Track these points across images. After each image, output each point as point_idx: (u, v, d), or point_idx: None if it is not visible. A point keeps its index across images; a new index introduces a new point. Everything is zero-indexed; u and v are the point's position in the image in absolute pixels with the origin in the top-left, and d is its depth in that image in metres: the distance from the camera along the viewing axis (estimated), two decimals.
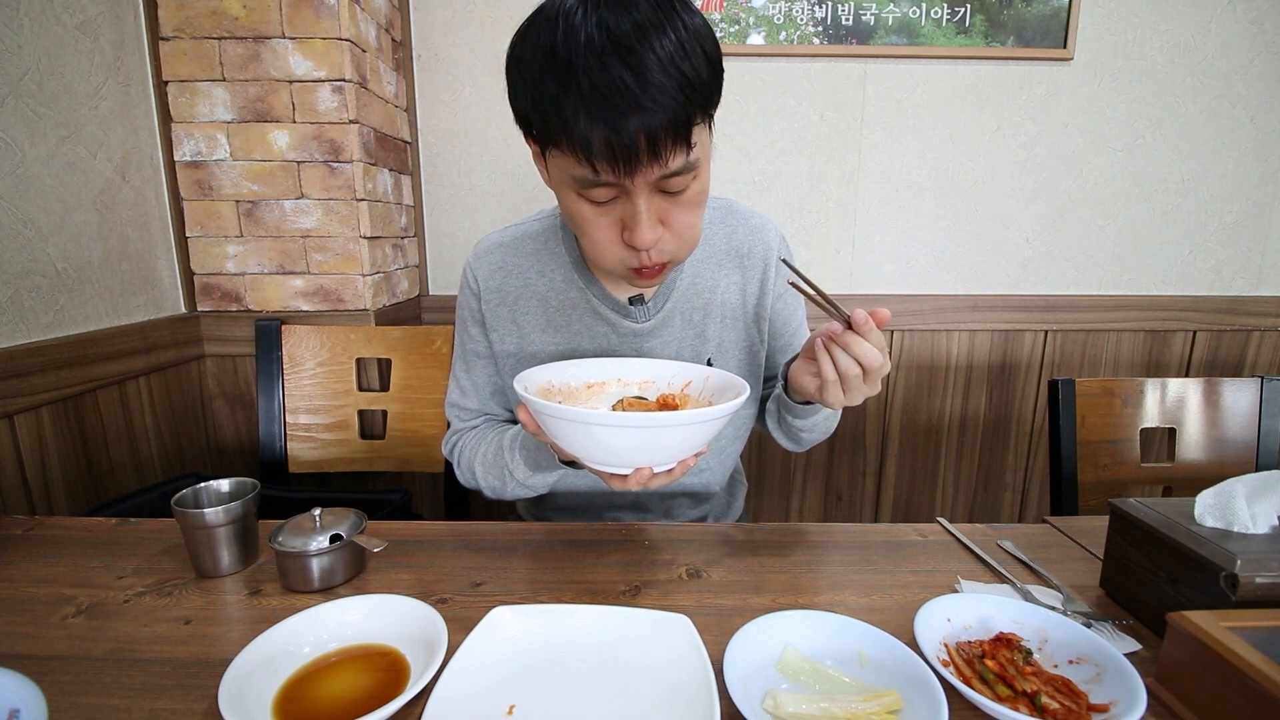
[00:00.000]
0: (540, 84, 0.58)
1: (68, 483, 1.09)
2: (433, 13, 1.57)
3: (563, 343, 0.84)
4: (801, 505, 1.86)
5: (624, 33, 0.55)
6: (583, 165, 0.59)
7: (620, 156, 0.57)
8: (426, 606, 0.58)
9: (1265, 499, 0.56)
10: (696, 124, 0.59)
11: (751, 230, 0.86)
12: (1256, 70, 1.63)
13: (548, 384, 0.70)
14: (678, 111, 0.56)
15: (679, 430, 0.55)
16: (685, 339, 0.85)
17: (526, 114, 0.62)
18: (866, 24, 1.58)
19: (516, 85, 0.62)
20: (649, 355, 0.83)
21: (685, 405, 0.70)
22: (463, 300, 0.88)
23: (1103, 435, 1.10)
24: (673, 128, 0.57)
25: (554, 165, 0.65)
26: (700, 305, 0.84)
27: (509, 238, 0.86)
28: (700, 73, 0.57)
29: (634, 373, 0.75)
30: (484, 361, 0.88)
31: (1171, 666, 0.50)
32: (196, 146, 1.33)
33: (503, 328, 0.85)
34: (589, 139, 0.57)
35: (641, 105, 0.55)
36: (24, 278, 1.02)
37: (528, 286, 0.84)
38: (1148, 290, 1.76)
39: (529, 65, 0.59)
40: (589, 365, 0.74)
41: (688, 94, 0.57)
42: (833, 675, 0.52)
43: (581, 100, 0.55)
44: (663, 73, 0.55)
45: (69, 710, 0.49)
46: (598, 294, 0.82)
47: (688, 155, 0.60)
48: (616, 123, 0.55)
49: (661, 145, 0.57)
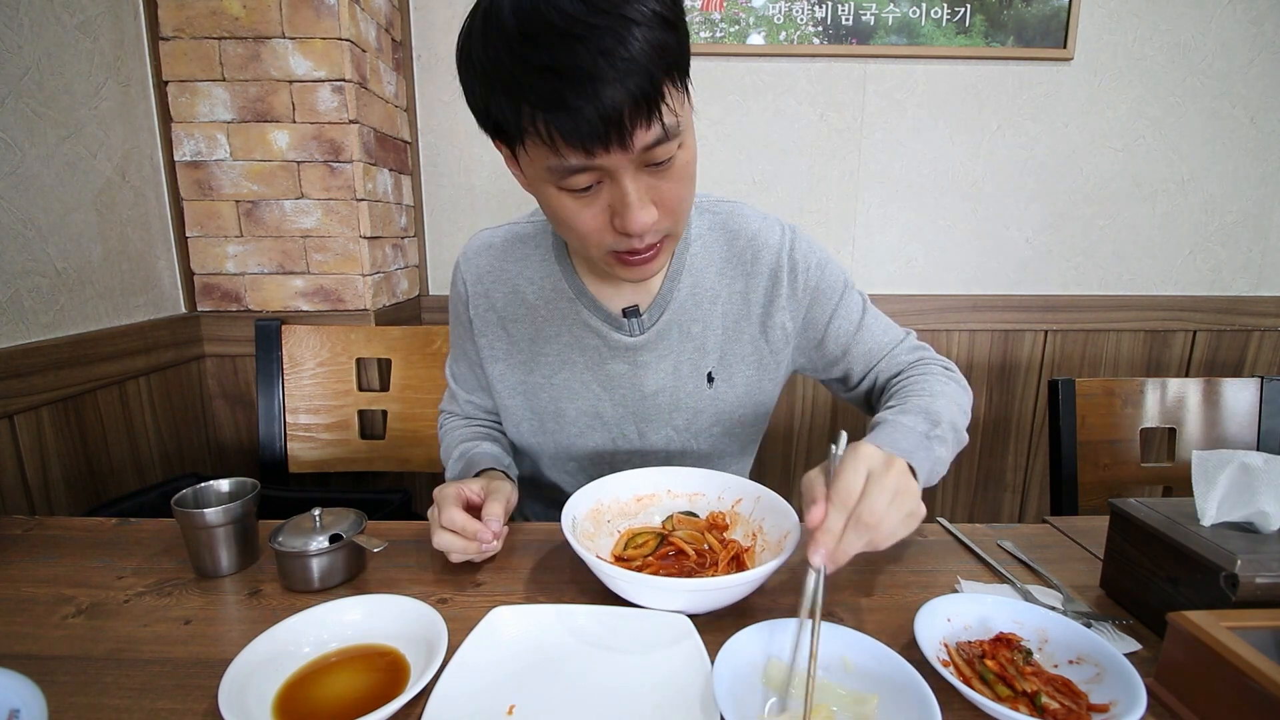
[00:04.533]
0: (495, 74, 0.55)
1: (68, 483, 1.09)
2: (433, 13, 1.57)
3: (553, 355, 0.82)
4: (802, 505, 1.86)
5: (573, 6, 0.51)
6: (554, 153, 0.56)
7: (591, 135, 0.54)
8: (426, 606, 0.58)
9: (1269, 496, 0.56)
10: (667, 88, 0.56)
11: (753, 236, 0.81)
12: (1256, 70, 1.63)
13: (597, 505, 0.72)
14: (644, 79, 0.53)
15: (726, 592, 0.58)
16: (684, 353, 0.81)
17: (487, 111, 0.59)
18: (866, 24, 1.58)
19: (472, 83, 0.60)
20: (643, 369, 0.81)
21: (735, 525, 0.73)
22: (453, 295, 0.88)
23: (1103, 435, 1.10)
24: (643, 97, 0.53)
25: (526, 162, 0.62)
26: (700, 317, 0.80)
27: (500, 239, 0.84)
28: (661, 36, 0.54)
29: (683, 483, 0.76)
30: (468, 360, 0.89)
31: (1171, 666, 0.50)
32: (196, 146, 1.33)
33: (491, 333, 0.84)
34: (555, 122, 0.54)
35: (604, 77, 0.52)
36: (24, 278, 1.02)
37: (516, 293, 0.82)
38: (1148, 290, 1.76)
39: (481, 58, 0.56)
40: (636, 478, 0.75)
41: (651, 60, 0.53)
42: (816, 683, 0.51)
43: (541, 81, 0.53)
44: (619, 41, 0.52)
45: (69, 710, 0.49)
46: (588, 305, 0.79)
47: (663, 124, 0.56)
48: (580, 100, 0.52)
49: (634, 116, 0.54)
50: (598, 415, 0.84)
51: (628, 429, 0.85)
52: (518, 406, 0.86)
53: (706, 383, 0.82)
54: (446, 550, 0.65)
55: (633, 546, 0.70)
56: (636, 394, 0.82)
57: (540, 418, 0.85)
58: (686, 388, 0.82)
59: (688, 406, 0.83)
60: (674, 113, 0.57)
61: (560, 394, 0.83)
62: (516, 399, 0.86)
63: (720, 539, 0.70)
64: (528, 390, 0.84)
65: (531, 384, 0.84)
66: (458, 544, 0.65)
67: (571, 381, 0.83)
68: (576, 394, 0.83)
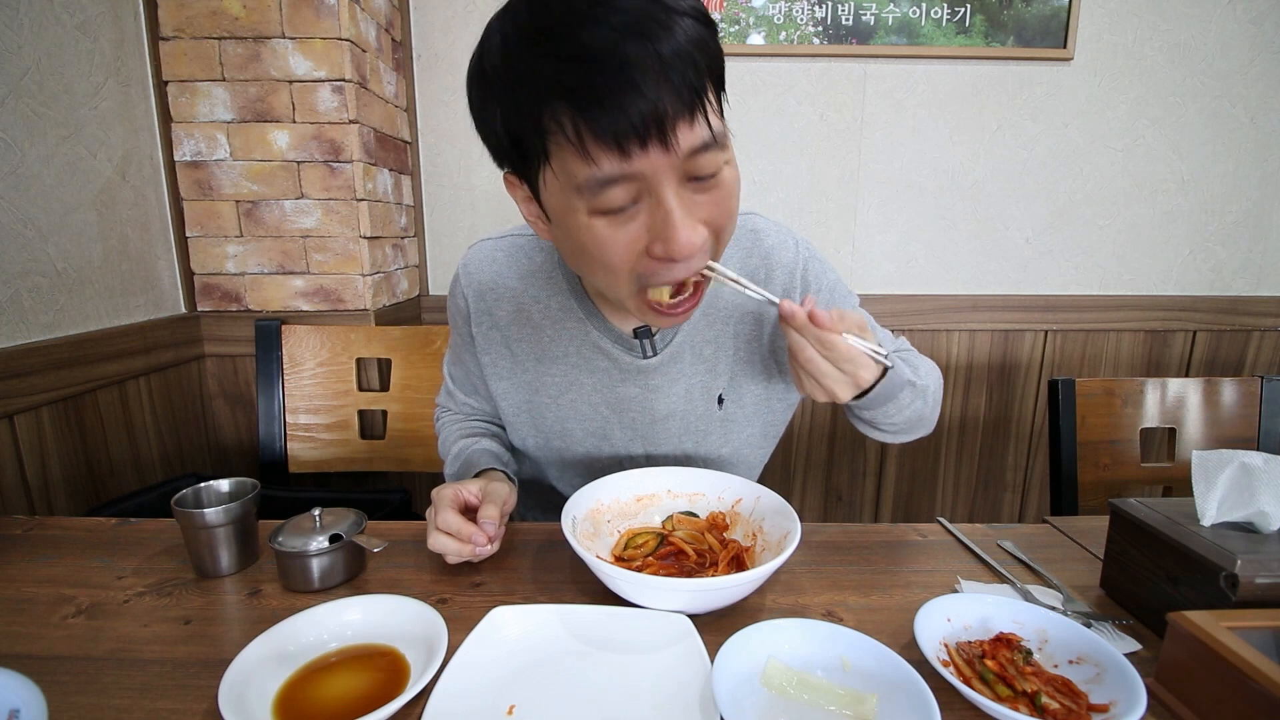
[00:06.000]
0: (515, 77, 0.51)
1: (68, 483, 1.09)
2: (433, 13, 1.57)
3: (559, 375, 0.80)
4: (801, 505, 1.86)
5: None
6: (586, 161, 0.51)
7: (626, 129, 0.48)
8: (426, 606, 0.58)
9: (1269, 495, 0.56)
10: (709, 84, 0.52)
11: (767, 253, 0.78)
12: (1256, 70, 1.63)
13: (597, 505, 0.72)
14: (686, 66, 0.49)
15: (726, 592, 0.59)
16: (695, 375, 0.79)
17: (507, 128, 0.54)
18: (866, 24, 1.58)
19: (488, 101, 0.54)
20: (654, 392, 0.78)
21: (735, 525, 0.73)
22: (453, 307, 0.85)
23: (1103, 435, 1.10)
24: (684, 85, 0.49)
25: (553, 190, 0.55)
26: (712, 338, 0.78)
27: (504, 250, 0.80)
28: (701, 30, 0.51)
29: (683, 483, 0.76)
30: (466, 367, 0.87)
31: (1171, 666, 0.50)
32: (196, 146, 1.33)
33: (494, 350, 0.82)
34: (586, 118, 0.49)
35: (639, 63, 0.47)
36: (24, 278, 1.02)
37: (521, 311, 0.79)
38: (1148, 290, 1.76)
39: (497, 65, 0.52)
40: (636, 478, 0.75)
41: (695, 46, 0.49)
42: (815, 683, 0.51)
43: (568, 71, 0.48)
44: (656, 23, 0.48)
45: (69, 710, 0.49)
46: (598, 325, 0.76)
47: (710, 127, 0.52)
48: (612, 89, 0.47)
49: (675, 109, 0.49)
50: (605, 436, 0.82)
51: (635, 449, 0.83)
52: (522, 423, 0.84)
53: (717, 405, 0.81)
54: (441, 552, 0.65)
55: (633, 546, 0.70)
56: (647, 417, 0.80)
57: (546, 435, 0.84)
58: (697, 410, 0.81)
59: (697, 429, 0.82)
60: (719, 116, 0.53)
61: (567, 414, 0.81)
62: (521, 416, 0.84)
63: (720, 539, 0.70)
64: (533, 409, 0.83)
65: (537, 404, 0.82)
66: (452, 546, 0.65)
67: (579, 403, 0.81)
68: (584, 415, 0.81)
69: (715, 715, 0.46)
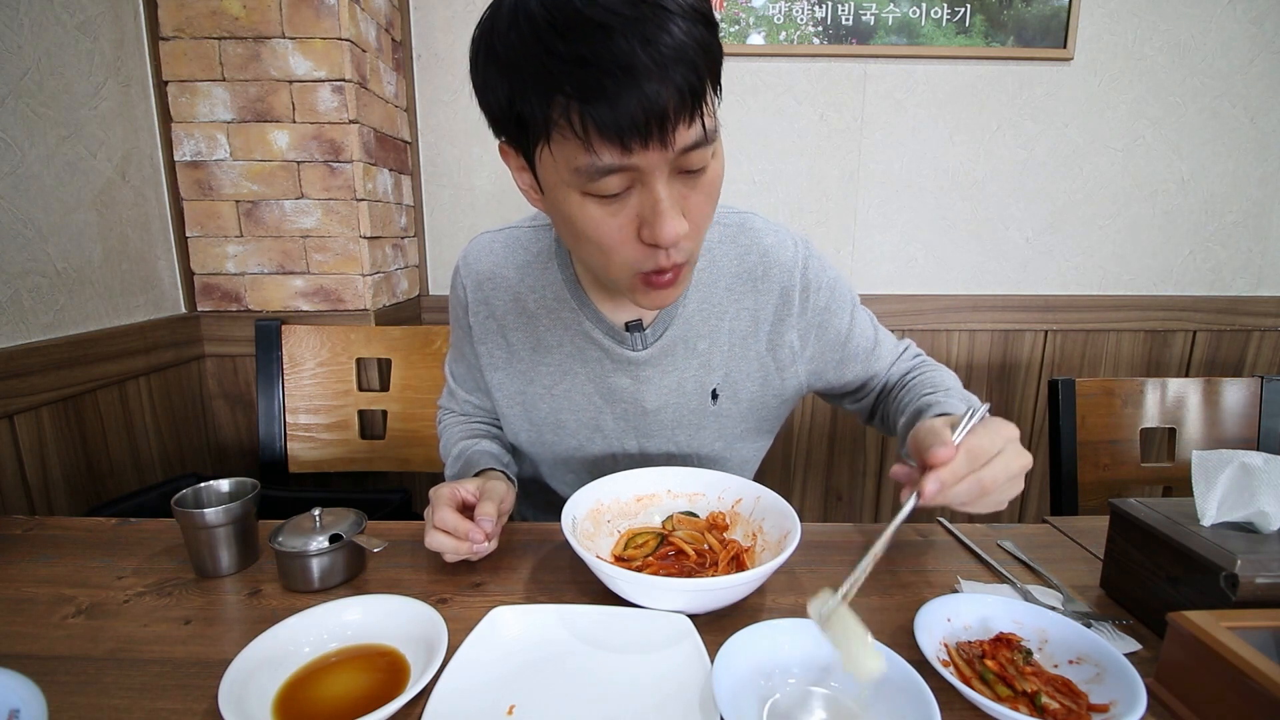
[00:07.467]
0: (523, 66, 0.52)
1: (68, 483, 1.09)
2: (433, 13, 1.57)
3: (554, 365, 0.81)
4: (801, 505, 1.86)
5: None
6: (587, 151, 0.52)
7: (631, 128, 0.50)
8: (426, 606, 0.58)
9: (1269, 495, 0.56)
10: (708, 86, 0.54)
11: (765, 251, 0.78)
12: (1256, 70, 1.63)
13: (597, 505, 0.72)
14: (689, 71, 0.51)
15: (726, 592, 0.59)
16: (688, 369, 0.79)
17: (510, 106, 0.55)
18: (866, 24, 1.58)
19: (493, 77, 0.55)
20: (645, 384, 0.79)
21: (735, 525, 0.73)
22: (453, 299, 0.87)
23: (1103, 435, 1.10)
24: (688, 89, 0.51)
25: (549, 166, 0.57)
26: (706, 333, 0.79)
27: (502, 243, 0.82)
28: (702, 32, 0.52)
29: (683, 483, 0.76)
30: (467, 362, 0.88)
31: (1171, 666, 0.50)
32: (196, 146, 1.33)
33: (491, 340, 0.83)
34: (593, 114, 0.50)
35: (646, 69, 0.49)
36: (24, 278, 1.02)
37: (517, 301, 0.80)
38: (1148, 290, 1.76)
39: (506, 49, 0.53)
40: (636, 478, 0.75)
41: (696, 52, 0.51)
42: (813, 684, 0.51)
43: (578, 72, 0.49)
44: (661, 29, 0.49)
45: (69, 710, 0.49)
46: (591, 316, 0.77)
47: (704, 126, 0.54)
48: (621, 90, 0.49)
49: (678, 111, 0.51)
50: (598, 428, 0.83)
51: (628, 442, 0.84)
52: (516, 416, 0.85)
53: (710, 399, 0.81)
54: (439, 550, 0.65)
55: (633, 546, 0.70)
56: (638, 409, 0.81)
57: (539, 428, 0.84)
58: (690, 404, 0.81)
59: (690, 423, 0.82)
60: (713, 115, 0.55)
61: (560, 405, 0.82)
62: (515, 409, 0.84)
63: (720, 539, 0.70)
64: (526, 400, 0.83)
65: (531, 394, 0.83)
66: (449, 544, 0.65)
67: (572, 393, 0.81)
68: (577, 405, 0.82)
69: (715, 715, 0.46)
